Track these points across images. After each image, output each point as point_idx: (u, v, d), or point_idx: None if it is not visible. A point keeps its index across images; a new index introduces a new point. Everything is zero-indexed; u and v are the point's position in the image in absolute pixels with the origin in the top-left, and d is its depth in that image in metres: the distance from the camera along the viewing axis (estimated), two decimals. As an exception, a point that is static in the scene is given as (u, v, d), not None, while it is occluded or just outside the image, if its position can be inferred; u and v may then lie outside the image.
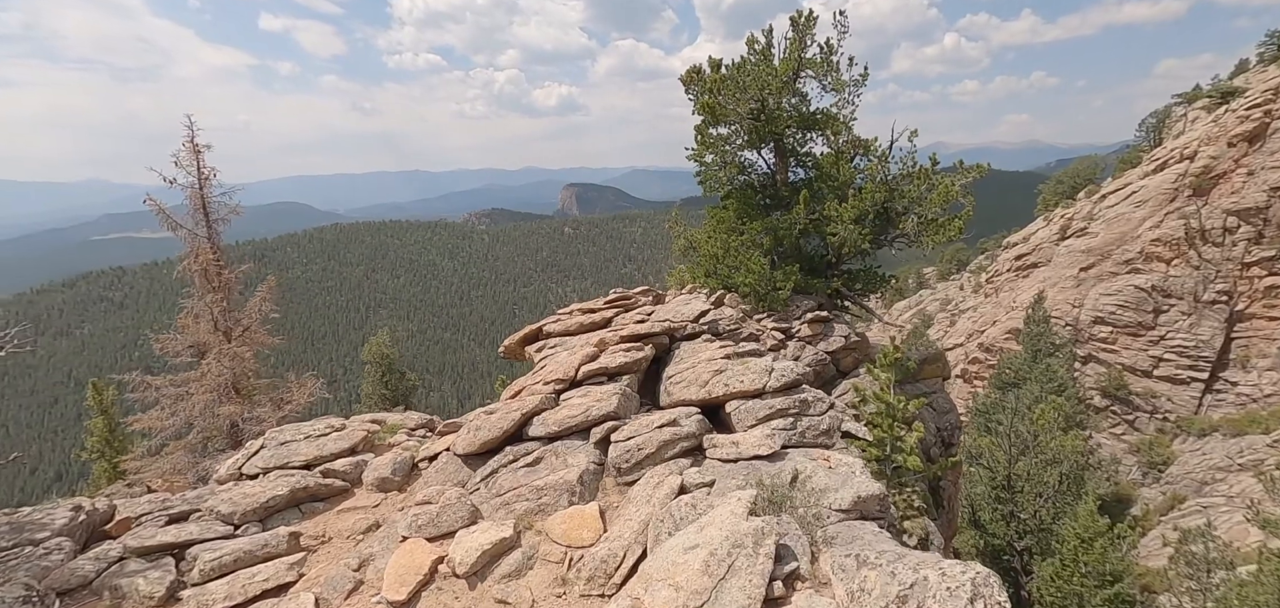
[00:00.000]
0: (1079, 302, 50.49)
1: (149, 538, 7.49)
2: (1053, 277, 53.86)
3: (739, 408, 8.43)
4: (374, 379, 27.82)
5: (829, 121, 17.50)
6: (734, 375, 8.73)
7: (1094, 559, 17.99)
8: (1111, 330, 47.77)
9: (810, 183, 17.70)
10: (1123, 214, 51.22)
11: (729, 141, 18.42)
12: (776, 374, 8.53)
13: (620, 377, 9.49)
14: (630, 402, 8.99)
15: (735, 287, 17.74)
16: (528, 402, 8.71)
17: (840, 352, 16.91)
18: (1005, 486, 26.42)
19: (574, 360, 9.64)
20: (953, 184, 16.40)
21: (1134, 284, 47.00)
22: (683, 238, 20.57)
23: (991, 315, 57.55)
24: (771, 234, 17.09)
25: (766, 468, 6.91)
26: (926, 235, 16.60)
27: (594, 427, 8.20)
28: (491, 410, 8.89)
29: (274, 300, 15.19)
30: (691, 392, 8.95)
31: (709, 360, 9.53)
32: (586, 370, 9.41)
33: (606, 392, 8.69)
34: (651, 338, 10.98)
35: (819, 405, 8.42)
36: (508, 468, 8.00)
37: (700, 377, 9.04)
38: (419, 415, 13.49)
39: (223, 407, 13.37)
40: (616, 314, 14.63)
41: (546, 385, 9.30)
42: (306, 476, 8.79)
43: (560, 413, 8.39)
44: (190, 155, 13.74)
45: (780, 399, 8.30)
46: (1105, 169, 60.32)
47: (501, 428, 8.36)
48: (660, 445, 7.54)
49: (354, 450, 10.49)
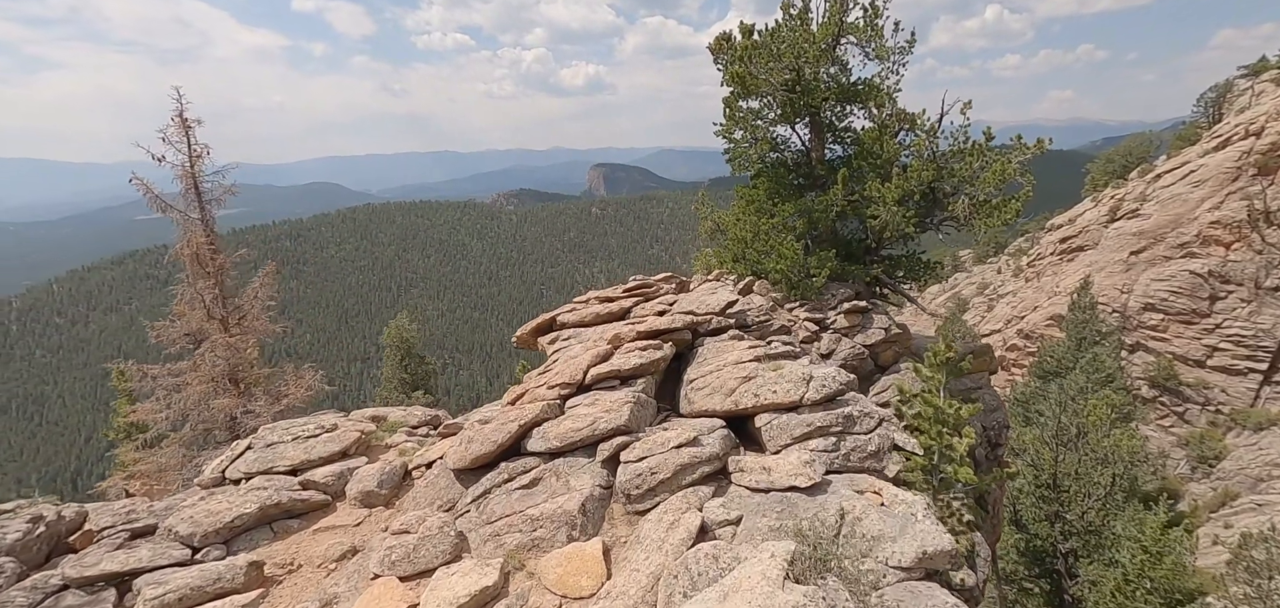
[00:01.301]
0: (1128, 287, 47.88)
1: (93, 566, 6.56)
2: (1100, 261, 51.18)
3: (771, 423, 7.17)
4: (393, 363, 27.12)
5: (871, 93, 15.88)
6: (766, 384, 7.46)
7: (1164, 575, 16.36)
8: (1163, 318, 45.23)
9: (850, 161, 16.15)
10: (1179, 194, 48.21)
11: (760, 116, 16.92)
12: (816, 384, 7.24)
13: (635, 380, 8.29)
14: (644, 411, 7.78)
15: (765, 273, 16.36)
16: (527, 410, 7.57)
17: (880, 345, 15.48)
18: (1051, 484, 24.68)
19: (582, 361, 8.45)
20: (1008, 162, 14.72)
21: (1189, 269, 44.30)
22: (710, 220, 19.19)
23: (1032, 301, 55.10)
24: (806, 216, 15.63)
25: (805, 504, 5.67)
26: (979, 218, 14.97)
27: (601, 442, 7.03)
28: (487, 419, 7.77)
29: (274, 287, 14.29)
30: (716, 401, 7.70)
31: (736, 363, 8.25)
32: (597, 373, 8.22)
33: (617, 400, 7.49)
34: (672, 334, 9.74)
35: (866, 421, 7.12)
36: (502, 489, 6.88)
37: (726, 383, 7.79)
38: (423, 411, 12.48)
39: (217, 400, 12.55)
40: (636, 304, 13.41)
41: (550, 390, 8.14)
42: (281, 489, 7.80)
43: (563, 425, 7.23)
44: (179, 131, 12.78)
45: (820, 414, 7.02)
46: (1159, 147, 56.91)
47: (496, 442, 7.24)
48: (677, 470, 6.34)
49: (345, 454, 9.51)
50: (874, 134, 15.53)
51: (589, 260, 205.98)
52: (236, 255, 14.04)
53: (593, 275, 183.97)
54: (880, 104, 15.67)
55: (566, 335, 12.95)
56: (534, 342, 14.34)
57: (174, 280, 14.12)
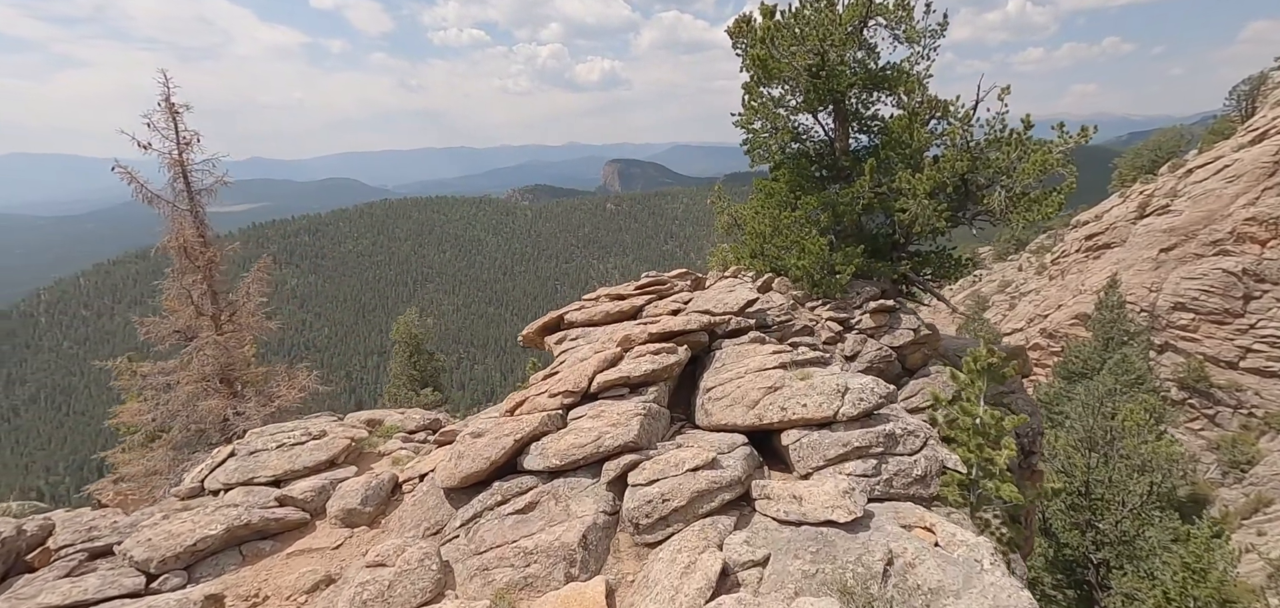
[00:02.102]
0: (1157, 286, 46.29)
1: (31, 598, 5.81)
2: (1128, 258, 49.56)
3: (801, 442, 6.25)
4: (402, 359, 26.47)
5: (900, 79, 14.82)
6: (794, 396, 6.55)
7: (1209, 593, 15.22)
8: (1193, 317, 43.67)
9: (877, 150, 15.11)
10: (1212, 190, 46.47)
11: (782, 104, 15.92)
12: (852, 397, 6.31)
13: (645, 388, 7.40)
14: (656, 424, 6.89)
15: (785, 270, 15.39)
16: (525, 423, 6.72)
17: (908, 347, 14.46)
18: (1082, 492, 23.49)
19: (588, 367, 7.57)
20: (1050, 151, 13.62)
21: (1222, 267, 42.66)
22: (726, 214, 18.22)
23: (1056, 299, 53.57)
24: (829, 210, 14.63)
25: (843, 543, 4.77)
26: (1016, 212, 13.88)
27: (607, 461, 6.16)
28: (480, 432, 6.93)
29: (268, 282, 13.57)
30: (736, 413, 6.80)
31: (759, 370, 7.33)
32: (604, 380, 7.34)
33: (625, 412, 6.61)
34: (687, 336, 8.83)
35: (909, 440, 6.18)
36: (494, 513, 6.05)
37: (748, 393, 6.88)
38: (422, 414, 11.69)
39: (206, 401, 11.85)
40: (649, 302, 12.52)
41: (552, 399, 7.27)
42: (252, 508, 7.03)
43: (565, 440, 6.36)
44: (166, 117, 12.05)
45: (858, 432, 6.09)
46: (1189, 142, 54.90)
47: (488, 459, 6.39)
48: (693, 497, 5.45)
49: (333, 463, 8.72)
50: (904, 122, 14.47)
51: (603, 256, 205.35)
52: (229, 249, 13.34)
53: (607, 271, 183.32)
54: (910, 90, 14.60)
55: (574, 335, 12.10)
56: (541, 341, 13.51)
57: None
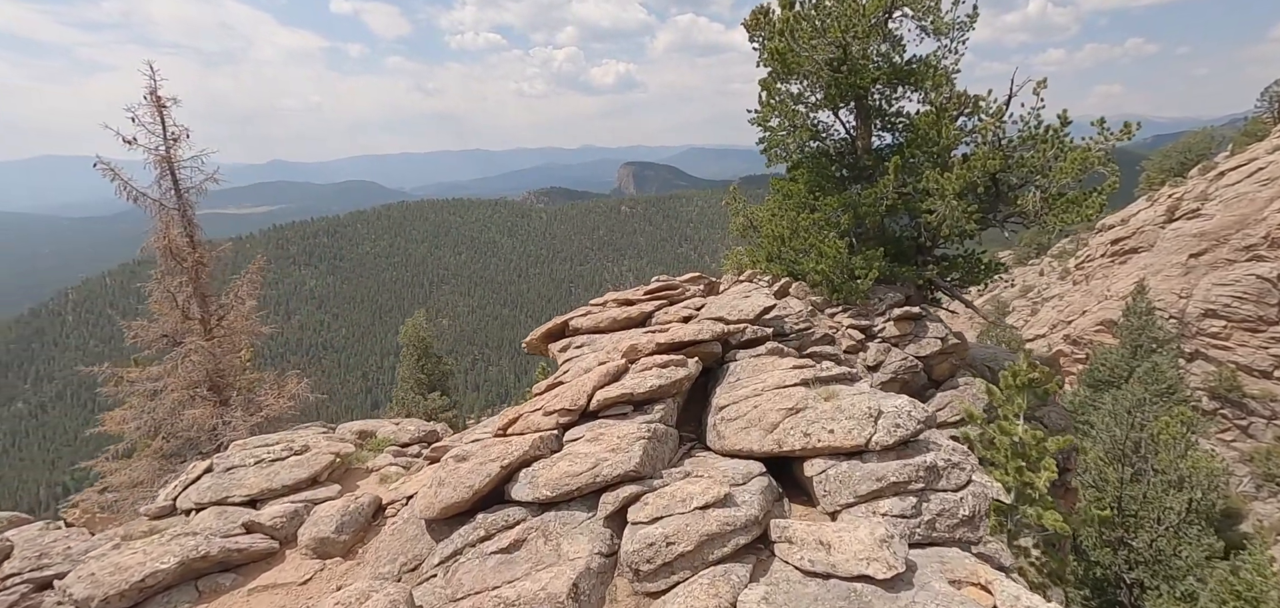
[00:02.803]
0: (1187, 292, 44.76)
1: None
2: (1156, 263, 48.00)
3: (827, 473, 5.43)
4: (410, 363, 25.92)
5: (927, 73, 13.92)
6: (819, 419, 5.72)
7: (1260, 627, 14.13)
8: (1225, 325, 42.15)
9: (902, 149, 14.21)
10: (1245, 194, 44.85)
11: (801, 100, 15.08)
12: (887, 422, 5.46)
13: (651, 406, 6.60)
14: (662, 448, 6.09)
15: (803, 274, 14.55)
16: (514, 447, 5.96)
17: (935, 357, 13.55)
18: (1114, 508, 22.30)
19: (587, 381, 6.79)
20: (1089, 149, 12.66)
21: (1255, 273, 41.07)
22: (741, 216, 17.41)
23: (1080, 304, 52.06)
24: (851, 211, 13.77)
25: (882, 605, 3.95)
26: (1052, 214, 12.93)
27: (605, 491, 5.38)
28: (464, 456, 6.18)
29: (260, 285, 12.94)
30: (753, 437, 5.99)
31: (778, 388, 6.51)
32: (604, 397, 6.55)
33: (627, 435, 5.83)
34: (698, 347, 8.03)
35: (954, 474, 5.31)
36: (476, 550, 5.29)
37: (766, 415, 6.07)
38: (417, 425, 10.97)
39: (191, 410, 11.24)
40: (659, 308, 11.72)
41: (546, 417, 6.51)
42: (213, 536, 6.34)
43: (557, 467, 5.59)
44: (153, 111, 11.47)
45: (894, 464, 5.25)
46: (1219, 144, 53.15)
47: (471, 487, 5.64)
48: (702, 541, 4.65)
49: (315, 480, 8.02)
50: (931, 118, 13.57)
51: (618, 258, 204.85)
52: (221, 249, 12.73)
53: (621, 273, 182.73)
54: (938, 85, 13.69)
55: (580, 343, 11.33)
56: (545, 348, 12.77)
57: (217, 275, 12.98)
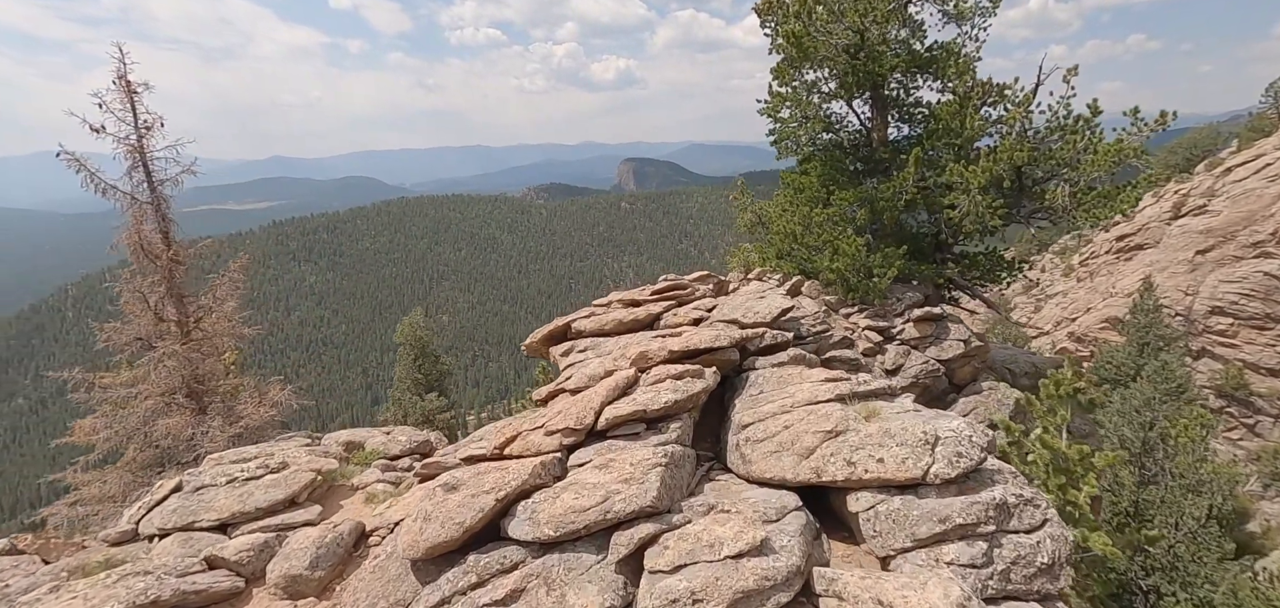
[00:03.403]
0: (1193, 289, 44.06)
1: None
2: (1161, 260, 47.30)
3: (877, 511, 4.62)
4: (407, 363, 25.06)
5: (949, 60, 13.11)
6: (864, 445, 4.90)
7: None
8: (1232, 322, 41.45)
9: (921, 140, 13.40)
10: (1253, 189, 44.12)
11: (814, 89, 14.26)
12: (947, 450, 4.62)
13: (666, 423, 5.82)
14: (680, 473, 5.29)
15: (816, 272, 13.75)
16: (511, 475, 5.16)
17: (957, 361, 12.76)
18: (1130, 512, 21.54)
19: (595, 397, 5.99)
20: (1122, 141, 11.86)
21: (1263, 270, 40.34)
22: (749, 211, 16.60)
23: (1085, 302, 51.41)
24: (868, 206, 12.97)
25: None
26: (1082, 209, 12.13)
27: (617, 529, 4.60)
28: (454, 485, 5.38)
29: (242, 284, 12.07)
30: (785, 463, 5.19)
31: (810, 404, 5.71)
32: (614, 414, 5.75)
33: (641, 461, 5.03)
34: (715, 355, 7.24)
35: (1028, 512, 4.48)
36: (466, 599, 4.49)
37: (800, 437, 5.27)
38: (410, 435, 10.16)
39: (165, 419, 10.39)
40: (667, 309, 10.91)
41: (549, 437, 5.71)
42: (166, 576, 5.55)
43: (562, 500, 4.79)
44: (123, 97, 10.57)
45: (958, 501, 4.43)
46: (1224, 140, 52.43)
47: (462, 525, 4.84)
48: (736, 599, 3.84)
49: (293, 502, 7.23)
50: (953, 107, 12.75)
51: (618, 255, 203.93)
52: (202, 246, 11.86)
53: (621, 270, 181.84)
54: (961, 72, 12.86)
55: (583, 347, 10.51)
56: (545, 351, 11.96)
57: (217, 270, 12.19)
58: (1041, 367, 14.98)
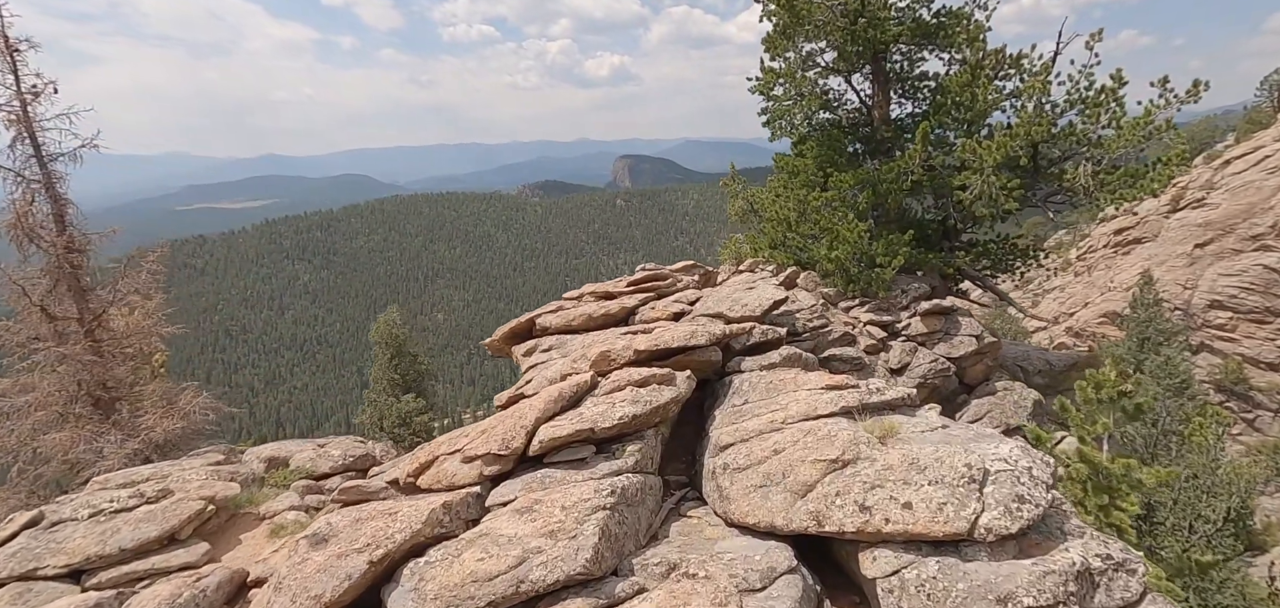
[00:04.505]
0: (1192, 283, 43.04)
1: None
2: (1160, 254, 46.26)
3: (905, 578, 3.21)
4: (383, 363, 23.63)
5: (957, 27, 11.72)
6: (884, 480, 3.48)
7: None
8: (1231, 316, 40.50)
9: (930, 115, 12.01)
10: (1251, 182, 43.05)
11: (810, 63, 12.87)
12: (1001, 494, 3.21)
13: (621, 446, 4.43)
14: (633, 517, 3.88)
15: (813, 262, 12.37)
16: (399, 526, 3.75)
17: (968, 359, 11.38)
18: (1143, 516, 20.22)
19: (529, 412, 4.59)
20: (1150, 115, 10.50)
21: (1263, 263, 39.35)
22: (741, 198, 15.20)
23: (1083, 296, 50.38)
24: (870, 189, 11.58)
25: None
26: (1106, 190, 10.77)
27: (541, 603, 3.21)
28: (324, 537, 3.97)
29: (162, 274, 10.58)
30: (775, 503, 3.79)
31: (808, 419, 4.33)
32: (552, 435, 4.35)
33: (576, 505, 3.62)
34: (691, 356, 5.84)
35: (1118, 581, 3.11)
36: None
37: (794, 466, 3.88)
38: (347, 447, 8.71)
39: (54, 433, 8.93)
40: (644, 302, 9.53)
41: (468, 465, 4.32)
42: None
43: (462, 563, 3.34)
44: (2, 57, 9.01)
45: (1025, 569, 3.02)
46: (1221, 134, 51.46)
47: (319, 598, 3.43)
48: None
49: (173, 538, 5.81)
50: (964, 78, 11.34)
51: (613, 251, 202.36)
52: (108, 233, 10.36)
53: (616, 266, 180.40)
54: (973, 39, 11.47)
55: (547, 345, 9.11)
56: (508, 350, 10.55)
57: (210, 270, 10.59)
58: (1057, 364, 13.62)
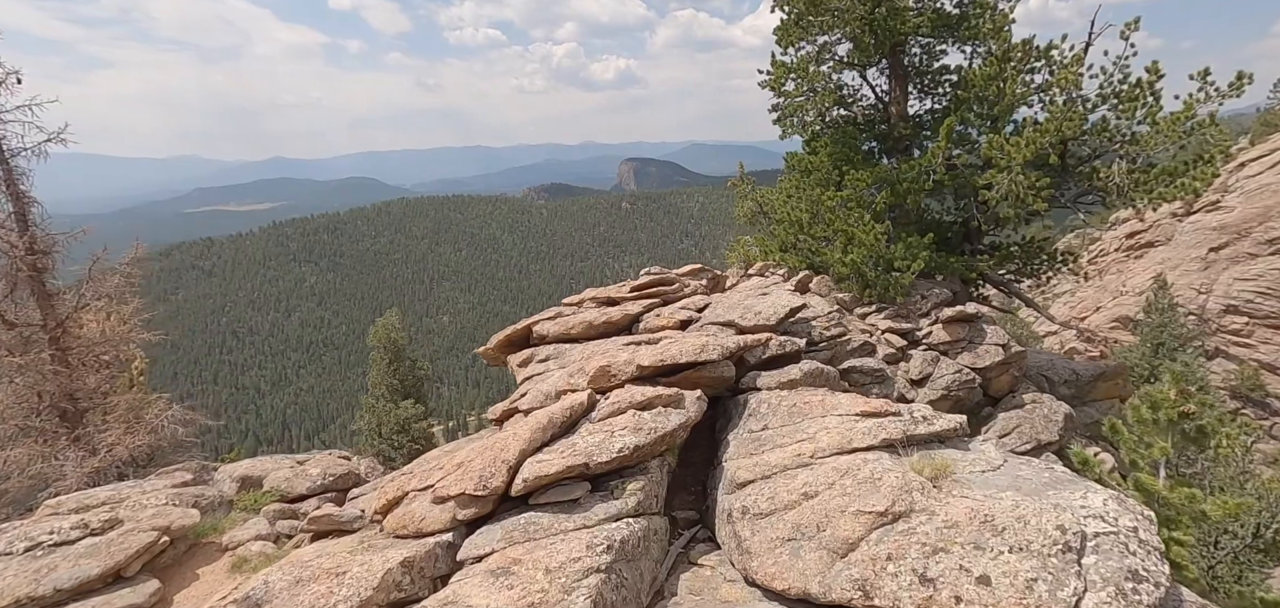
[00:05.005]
0: (1207, 287, 42.17)
1: None
2: (1173, 258, 45.39)
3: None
4: (381, 368, 23.00)
5: (982, 15, 10.99)
6: (947, 541, 2.79)
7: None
8: (1247, 321, 39.72)
9: (951, 110, 11.28)
10: (1268, 185, 42.21)
11: (822, 57, 12.17)
12: (1106, 564, 2.51)
13: (622, 483, 3.75)
14: (633, 576, 3.20)
15: (826, 266, 11.66)
16: (349, 590, 3.09)
17: (993, 369, 10.64)
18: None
19: (512, 443, 3.89)
20: (1191, 110, 9.76)
21: (1279, 267, 38.48)
22: (750, 200, 14.49)
23: (1094, 300, 49.49)
24: (888, 188, 10.86)
25: None
26: (1141, 190, 10.02)
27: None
28: (257, 602, 3.32)
29: (137, 280, 9.89)
30: (808, 564, 3.09)
31: (842, 452, 3.63)
32: (537, 472, 3.65)
33: (562, 567, 2.92)
34: (702, 372, 5.14)
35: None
36: None
37: (831, 517, 3.19)
38: (327, 465, 8.05)
39: (12, 448, 8.30)
40: (648, 309, 8.83)
41: (439, 507, 3.63)
42: None
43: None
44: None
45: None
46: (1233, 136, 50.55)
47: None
48: None
49: (118, 575, 5.16)
50: (991, 71, 10.60)
51: (619, 254, 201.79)
52: (76, 234, 9.69)
53: (622, 269, 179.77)
54: (999, 28, 10.73)
55: (544, 355, 8.43)
56: (503, 359, 9.88)
57: (218, 272, 9.96)
58: (1083, 374, 12.85)
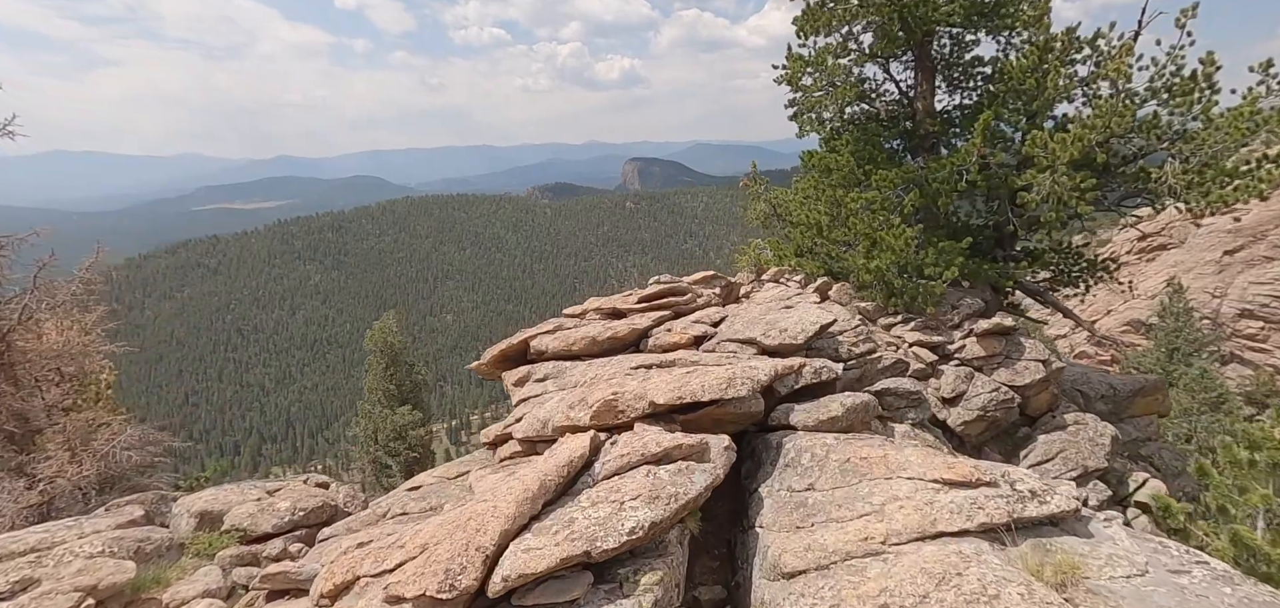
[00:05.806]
0: (1221, 291, 41.16)
1: None
2: (1187, 261, 44.33)
3: None
4: (377, 372, 22.13)
5: (1019, 1, 10.04)
6: None
7: None
8: (1263, 326, 38.77)
9: (988, 104, 10.33)
10: (1287, 186, 40.72)
11: (843, 49, 11.23)
12: None
13: (631, 576, 2.86)
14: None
15: (848, 272, 10.74)
16: None
17: (1033, 387, 9.70)
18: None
19: (490, 522, 3.00)
20: (1253, 104, 8.80)
21: (1297, 271, 37.50)
22: (763, 200, 13.56)
23: (1105, 303, 48.40)
24: (918, 188, 9.93)
25: None
26: (1197, 192, 9.06)
27: None
28: None
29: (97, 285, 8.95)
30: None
31: (927, 550, 2.74)
32: (522, 570, 2.75)
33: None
34: (726, 409, 4.24)
35: None
36: None
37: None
38: (297, 497, 7.14)
39: None
40: (658, 322, 7.91)
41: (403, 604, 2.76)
42: None
43: None
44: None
45: None
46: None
47: None
48: None
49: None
50: (1031, 62, 9.63)
51: (623, 254, 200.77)
52: (26, 236, 8.71)
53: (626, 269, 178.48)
54: (1038, 18, 9.76)
55: (542, 374, 7.51)
56: (498, 375, 8.95)
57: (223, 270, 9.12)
58: (1121, 389, 11.90)
